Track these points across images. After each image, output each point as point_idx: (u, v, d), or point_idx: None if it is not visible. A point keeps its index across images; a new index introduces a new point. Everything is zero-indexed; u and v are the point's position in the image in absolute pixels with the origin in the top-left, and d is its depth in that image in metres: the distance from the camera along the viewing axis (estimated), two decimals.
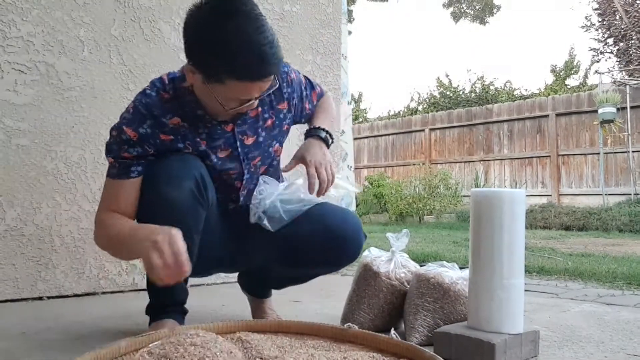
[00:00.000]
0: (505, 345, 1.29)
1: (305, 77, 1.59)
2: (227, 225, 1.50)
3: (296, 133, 2.51)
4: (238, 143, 1.41)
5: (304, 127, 1.60)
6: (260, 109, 1.42)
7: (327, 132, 1.51)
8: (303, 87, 1.55)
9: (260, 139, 1.44)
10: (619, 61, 11.40)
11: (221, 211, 1.48)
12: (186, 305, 1.49)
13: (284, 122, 1.50)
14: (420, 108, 15.96)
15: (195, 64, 1.23)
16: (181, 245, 1.08)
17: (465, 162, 10.50)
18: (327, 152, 1.47)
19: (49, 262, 2.15)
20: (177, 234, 1.10)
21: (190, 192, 1.30)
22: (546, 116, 9.40)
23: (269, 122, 1.45)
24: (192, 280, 1.48)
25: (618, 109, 8.03)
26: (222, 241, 1.49)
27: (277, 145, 1.51)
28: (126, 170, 1.32)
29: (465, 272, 1.51)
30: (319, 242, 1.43)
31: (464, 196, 8.70)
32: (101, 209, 1.34)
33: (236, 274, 1.80)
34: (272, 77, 1.24)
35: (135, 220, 1.33)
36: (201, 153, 1.38)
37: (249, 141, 1.43)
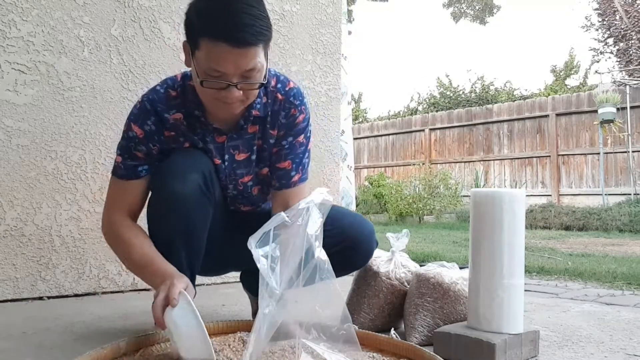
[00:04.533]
0: (505, 345, 1.29)
1: (307, 141, 1.45)
2: (231, 224, 1.49)
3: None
4: (227, 156, 1.39)
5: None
6: (258, 126, 1.39)
7: None
8: (295, 131, 1.41)
9: (253, 157, 1.41)
10: (619, 61, 11.42)
11: (225, 210, 1.48)
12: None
13: (273, 148, 1.42)
14: (420, 108, 15.97)
15: (186, 34, 1.24)
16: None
17: (465, 162, 10.49)
18: None
19: (49, 262, 2.15)
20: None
21: (197, 186, 1.29)
22: (546, 116, 9.40)
23: (259, 142, 1.41)
24: None
25: (618, 109, 8.03)
26: (227, 240, 1.48)
27: (268, 170, 1.44)
28: (134, 171, 1.33)
29: (465, 272, 1.51)
30: (332, 245, 1.39)
31: (464, 196, 8.70)
32: (111, 208, 1.35)
33: (236, 274, 1.79)
34: (250, 54, 1.16)
35: (146, 218, 1.34)
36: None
37: (241, 157, 1.40)
